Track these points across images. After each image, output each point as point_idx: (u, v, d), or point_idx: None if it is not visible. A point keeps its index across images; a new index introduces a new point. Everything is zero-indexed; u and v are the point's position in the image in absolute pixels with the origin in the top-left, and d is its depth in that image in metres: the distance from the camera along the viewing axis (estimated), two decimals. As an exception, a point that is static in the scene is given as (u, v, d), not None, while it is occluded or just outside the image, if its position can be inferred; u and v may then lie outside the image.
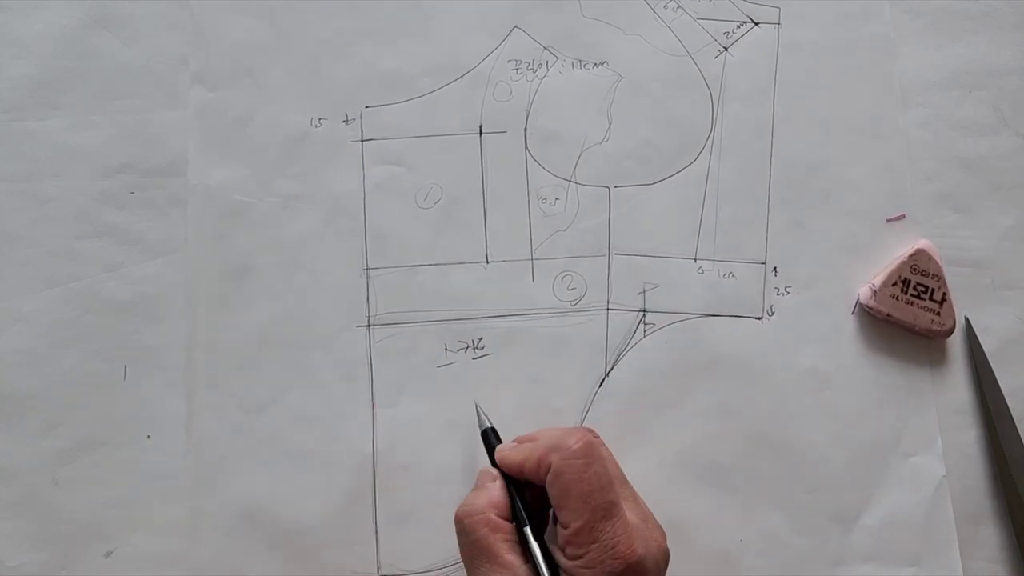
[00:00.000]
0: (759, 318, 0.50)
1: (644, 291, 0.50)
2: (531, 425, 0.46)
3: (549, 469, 0.40)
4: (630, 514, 0.39)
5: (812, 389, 0.49)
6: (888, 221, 0.51)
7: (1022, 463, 0.48)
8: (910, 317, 0.49)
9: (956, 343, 0.50)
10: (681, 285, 0.51)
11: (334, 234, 0.51)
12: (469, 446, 0.48)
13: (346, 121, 0.52)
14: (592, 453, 0.40)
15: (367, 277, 0.50)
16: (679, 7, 0.53)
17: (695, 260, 0.51)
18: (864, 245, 0.51)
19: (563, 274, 0.51)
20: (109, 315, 0.49)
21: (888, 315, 0.49)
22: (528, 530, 0.40)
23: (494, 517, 0.41)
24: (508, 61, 0.52)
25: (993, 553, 0.49)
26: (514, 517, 0.41)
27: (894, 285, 0.49)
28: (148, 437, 0.48)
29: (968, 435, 0.49)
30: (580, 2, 0.53)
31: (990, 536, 0.49)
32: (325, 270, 0.50)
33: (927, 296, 0.49)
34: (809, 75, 0.53)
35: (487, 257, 0.51)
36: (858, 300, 0.50)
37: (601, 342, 0.50)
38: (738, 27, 0.53)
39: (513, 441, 0.44)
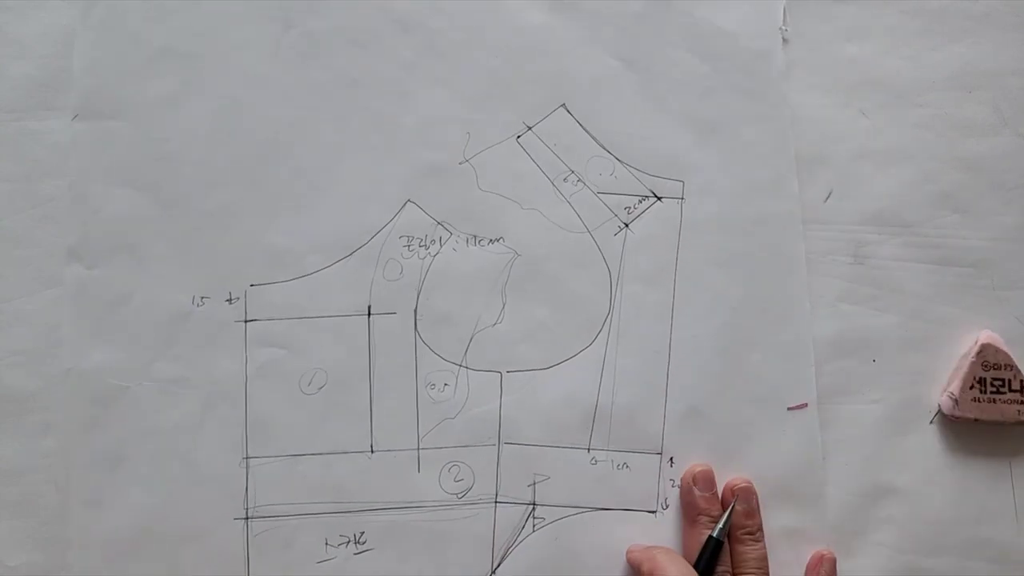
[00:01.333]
0: (653, 511, 0.49)
1: (534, 483, 0.49)
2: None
3: None
4: None
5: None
6: (789, 409, 0.50)
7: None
8: (997, 415, 0.49)
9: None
10: (573, 476, 0.49)
11: (213, 421, 0.49)
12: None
13: (230, 300, 0.50)
14: None
15: (247, 467, 0.48)
16: (579, 180, 0.51)
17: (588, 450, 0.49)
18: (761, 433, 0.49)
19: (450, 464, 0.49)
20: None
21: (976, 419, 0.49)
22: None
23: None
24: (400, 237, 0.51)
25: (993, 553, 0.48)
26: None
27: (971, 388, 0.49)
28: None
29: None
30: (476, 174, 0.51)
31: (990, 536, 0.48)
32: (203, 459, 0.48)
33: (1007, 388, 0.49)
34: (712, 253, 0.51)
35: (372, 446, 0.49)
36: (939, 410, 0.50)
37: (488, 537, 0.48)
38: (640, 202, 0.51)
39: None
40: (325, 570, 0.48)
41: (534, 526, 0.48)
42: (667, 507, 0.49)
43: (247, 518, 0.48)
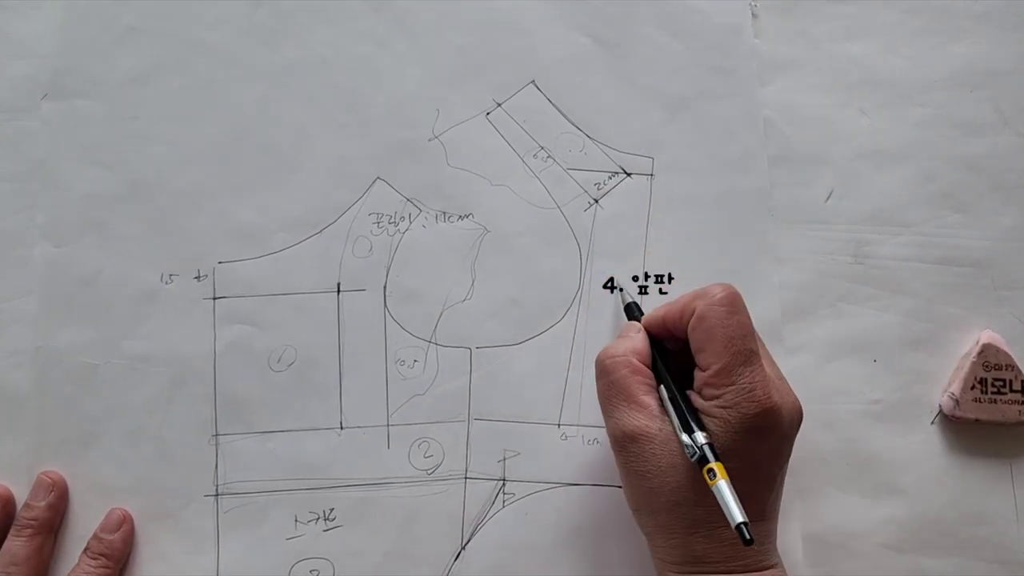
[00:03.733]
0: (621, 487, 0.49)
1: (504, 458, 0.49)
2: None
3: (692, 315, 0.41)
4: (768, 367, 0.41)
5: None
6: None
7: None
8: (998, 415, 0.49)
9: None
10: (543, 452, 0.49)
11: (182, 398, 0.49)
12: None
13: (198, 278, 0.50)
14: (736, 303, 0.41)
15: (216, 444, 0.48)
16: (549, 156, 0.51)
17: (559, 426, 0.49)
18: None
19: (420, 441, 0.49)
20: None
21: (976, 419, 0.49)
22: (662, 367, 0.43)
23: (635, 361, 0.42)
24: (369, 214, 0.51)
25: (993, 553, 0.48)
26: (654, 369, 0.43)
27: (972, 388, 0.49)
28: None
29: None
30: (445, 151, 0.51)
31: (990, 536, 0.48)
32: (172, 437, 0.48)
33: (1008, 388, 0.49)
34: (681, 229, 0.51)
35: (341, 423, 0.49)
36: (940, 411, 0.49)
37: (458, 513, 0.48)
38: (610, 178, 0.51)
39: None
40: (295, 546, 0.48)
41: (504, 502, 0.48)
42: (637, 482, 0.49)
43: (217, 495, 0.48)
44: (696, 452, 0.39)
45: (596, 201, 0.51)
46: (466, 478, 0.49)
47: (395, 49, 0.52)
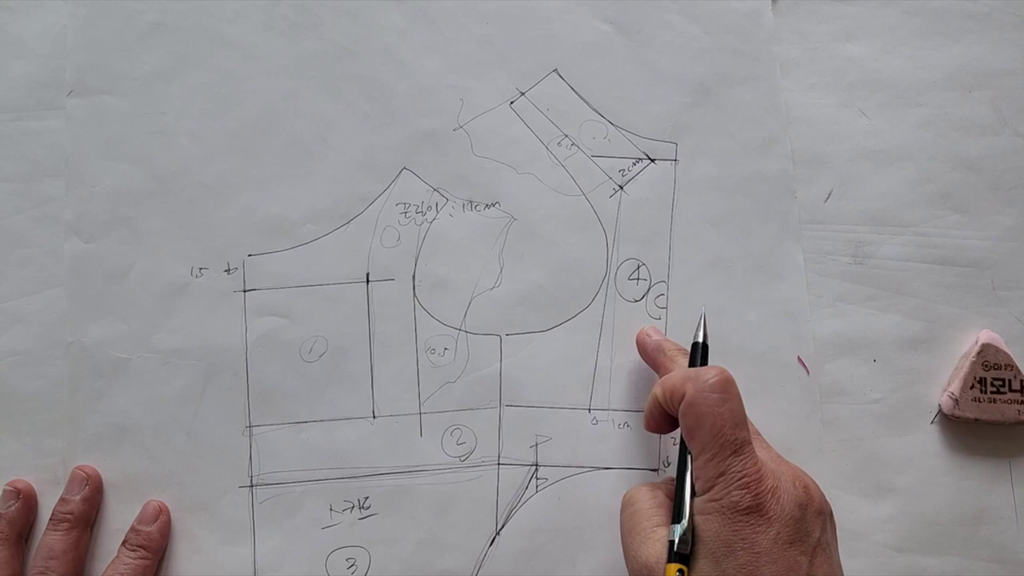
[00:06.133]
0: (655, 470, 0.49)
1: (536, 444, 0.49)
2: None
3: (683, 399, 0.40)
4: (762, 451, 0.40)
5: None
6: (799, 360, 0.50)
7: None
8: (998, 415, 0.49)
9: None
10: (574, 437, 0.49)
11: (215, 391, 0.49)
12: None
13: (228, 270, 0.50)
14: (728, 388, 0.39)
15: (250, 435, 0.49)
16: (573, 144, 0.52)
17: (589, 410, 0.49)
18: (759, 390, 0.50)
19: (452, 428, 0.49)
20: None
21: (976, 419, 0.49)
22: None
23: (648, 493, 0.42)
24: (396, 204, 0.51)
25: (993, 553, 0.48)
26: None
27: (972, 388, 0.49)
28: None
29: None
30: (471, 141, 0.52)
31: (990, 536, 0.48)
32: (206, 429, 0.49)
33: (1007, 388, 0.49)
34: (706, 213, 0.51)
35: (374, 412, 0.49)
36: (940, 410, 0.50)
37: (491, 499, 0.49)
38: (634, 164, 0.52)
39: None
40: (330, 535, 0.48)
41: (537, 487, 0.49)
42: (669, 465, 0.49)
43: (252, 486, 0.48)
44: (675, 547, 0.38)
45: (621, 187, 0.51)
46: (499, 464, 0.49)
47: (417, 39, 0.53)
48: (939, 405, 0.50)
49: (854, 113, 0.53)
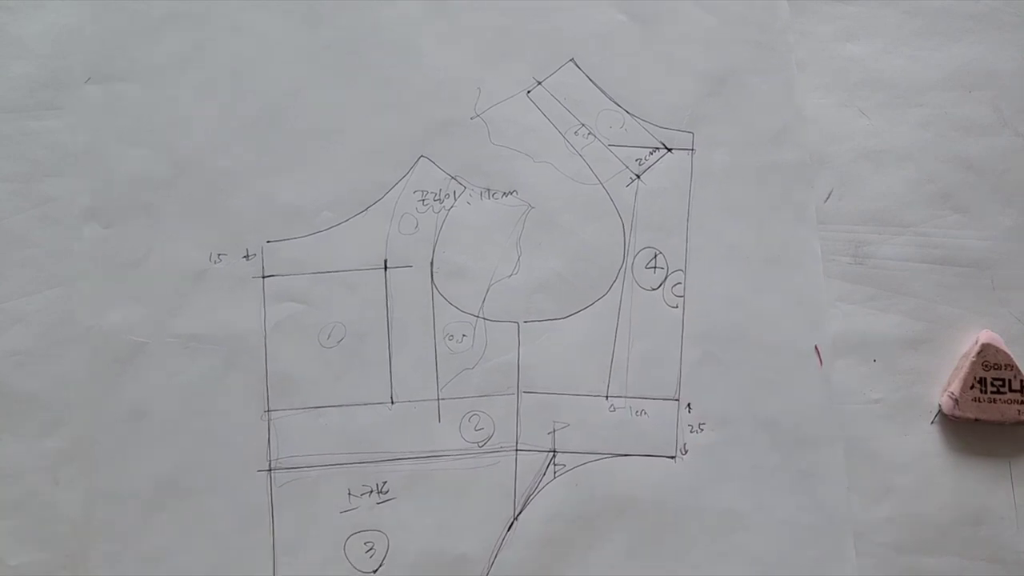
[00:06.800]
0: (672, 457, 0.49)
1: (554, 430, 0.49)
2: (437, 571, 0.46)
3: None
4: None
5: (727, 531, 0.48)
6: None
7: None
8: (998, 415, 0.49)
9: None
10: (592, 423, 0.49)
11: (234, 375, 0.49)
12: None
13: (247, 257, 0.50)
14: None
15: (268, 420, 0.49)
16: (590, 133, 0.52)
17: (607, 397, 0.50)
18: (776, 378, 0.50)
19: (470, 414, 0.49)
20: None
21: (976, 419, 0.49)
22: None
23: None
24: (414, 192, 0.51)
25: (993, 553, 0.48)
26: None
27: (972, 388, 0.49)
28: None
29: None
30: (488, 129, 0.52)
31: (990, 536, 0.48)
32: (225, 413, 0.49)
33: (1007, 388, 0.49)
34: (723, 202, 0.52)
35: (392, 397, 0.49)
36: (940, 410, 0.50)
37: (509, 485, 0.49)
38: (651, 153, 0.52)
39: None
40: (349, 519, 0.48)
41: (555, 473, 0.49)
42: (686, 452, 0.49)
43: (270, 470, 0.48)
44: None
45: (638, 176, 0.52)
46: (517, 450, 0.49)
47: (434, 29, 0.53)
48: (939, 405, 0.50)
49: (854, 113, 0.53)
